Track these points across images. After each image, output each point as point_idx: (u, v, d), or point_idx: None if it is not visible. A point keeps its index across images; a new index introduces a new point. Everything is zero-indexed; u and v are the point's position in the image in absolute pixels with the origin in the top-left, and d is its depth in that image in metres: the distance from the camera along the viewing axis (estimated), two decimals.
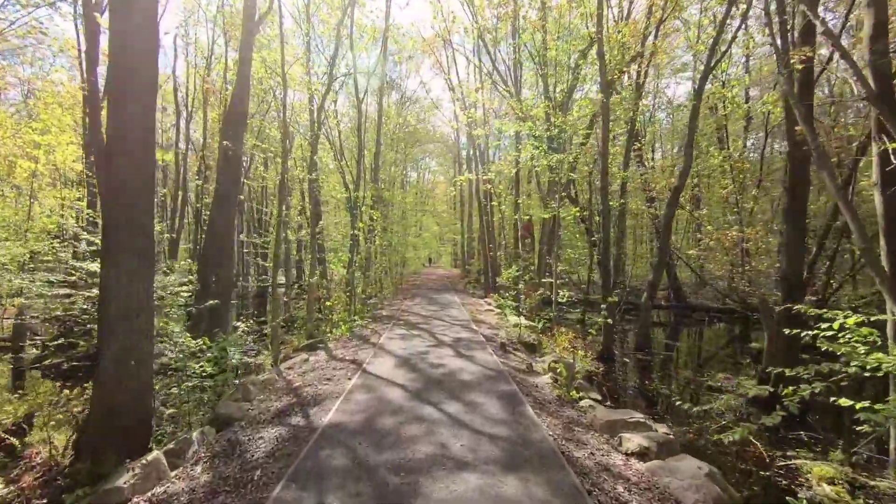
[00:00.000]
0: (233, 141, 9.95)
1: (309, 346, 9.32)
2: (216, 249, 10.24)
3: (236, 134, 10.02)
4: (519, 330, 10.29)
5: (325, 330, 10.71)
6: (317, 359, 8.00)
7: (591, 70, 16.34)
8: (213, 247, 10.35)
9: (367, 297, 15.59)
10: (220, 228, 10.22)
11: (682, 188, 11.81)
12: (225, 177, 10.14)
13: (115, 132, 4.57)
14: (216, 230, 10.31)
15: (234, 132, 9.98)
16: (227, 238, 10.32)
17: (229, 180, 10.14)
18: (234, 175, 10.31)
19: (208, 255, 10.62)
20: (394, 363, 6.92)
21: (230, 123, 10.08)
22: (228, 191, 10.20)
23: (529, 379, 6.65)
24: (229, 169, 10.13)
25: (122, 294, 4.45)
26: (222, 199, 10.27)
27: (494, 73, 17.87)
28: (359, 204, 15.00)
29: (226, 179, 10.15)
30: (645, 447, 4.02)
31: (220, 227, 10.22)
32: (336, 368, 6.87)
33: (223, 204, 10.25)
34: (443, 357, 7.31)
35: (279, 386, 6.23)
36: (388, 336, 9.42)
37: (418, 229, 38.61)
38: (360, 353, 7.88)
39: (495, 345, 8.89)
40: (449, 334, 9.55)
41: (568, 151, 12.20)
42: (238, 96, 10.21)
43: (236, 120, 10.00)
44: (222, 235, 10.21)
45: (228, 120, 10.25)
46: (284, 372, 7.18)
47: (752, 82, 15.85)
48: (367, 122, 24.03)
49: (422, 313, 13.10)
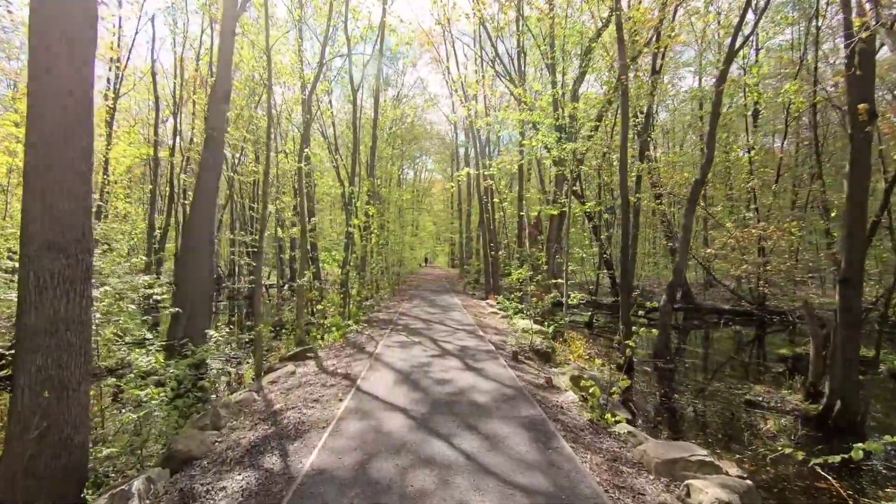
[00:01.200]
0: (215, 120, 8.93)
1: (298, 355, 8.32)
2: (194, 247, 9.21)
3: (219, 113, 9.00)
4: (530, 336, 9.33)
5: (316, 336, 9.71)
6: (305, 371, 7.00)
7: (601, 61, 15.46)
8: (190, 244, 9.32)
9: (362, 298, 14.59)
10: (199, 223, 9.19)
11: (703, 182, 10.91)
12: (207, 162, 9.11)
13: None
14: (194, 225, 9.29)
15: (216, 112, 8.96)
16: (206, 234, 9.28)
17: (210, 166, 9.11)
18: (216, 160, 9.27)
19: (186, 253, 9.60)
20: (393, 378, 5.94)
21: (213, 102, 9.05)
22: (208, 181, 9.17)
23: (552, 398, 5.69)
24: (211, 155, 9.10)
25: (46, 301, 3.45)
26: (202, 189, 9.25)
27: (497, 63, 16.93)
28: (354, 199, 14.00)
29: (207, 166, 9.13)
30: (725, 502, 3.06)
31: (198, 222, 9.20)
32: (326, 385, 5.88)
33: (203, 194, 9.23)
34: (449, 370, 6.34)
35: (257, 408, 5.23)
36: (386, 344, 8.44)
37: (415, 228, 37.59)
38: (355, 365, 6.88)
39: (506, 354, 7.94)
40: (453, 341, 8.58)
41: (577, 143, 11.28)
42: (221, 74, 9.20)
43: (219, 98, 8.97)
44: (201, 231, 9.19)
45: (212, 99, 9.23)
46: (266, 388, 6.19)
47: (768, 73, 14.98)
48: (362, 116, 23.04)
49: (422, 317, 12.13)
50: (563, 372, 7.25)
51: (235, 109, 17.83)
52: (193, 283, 8.98)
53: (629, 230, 9.55)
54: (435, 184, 52.79)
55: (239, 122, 19.36)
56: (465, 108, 19.56)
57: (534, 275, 9.68)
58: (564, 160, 11.24)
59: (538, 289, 9.89)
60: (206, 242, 9.10)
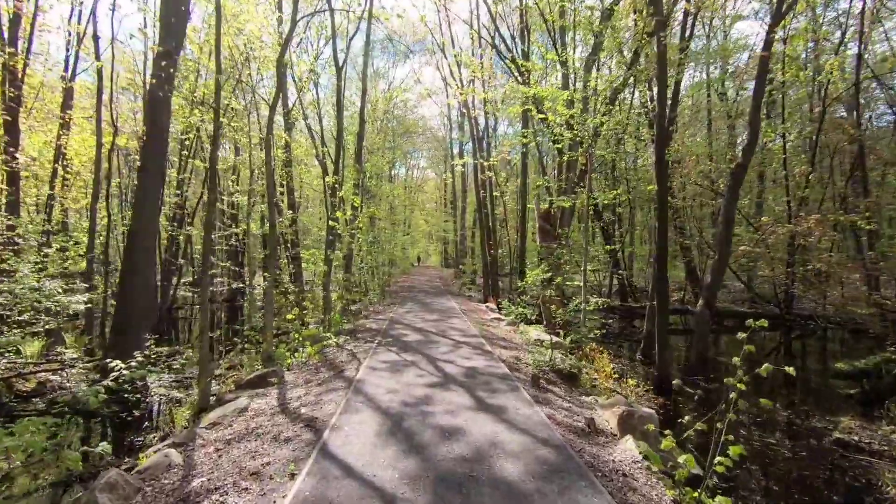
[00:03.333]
0: (160, 82, 7.07)
1: (259, 380, 6.51)
2: (139, 248, 7.34)
3: (167, 75, 7.14)
4: (547, 353, 7.61)
5: (286, 352, 7.89)
6: (260, 408, 5.21)
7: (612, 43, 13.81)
8: (135, 245, 7.43)
9: (347, 303, 12.77)
10: (142, 221, 7.33)
11: (746, 166, 9.32)
12: (147, 164, 7.23)
13: None
14: (137, 222, 7.42)
15: (164, 75, 7.09)
16: (150, 232, 7.43)
17: (151, 173, 7.23)
18: (158, 162, 7.40)
19: (130, 255, 7.72)
20: (376, 427, 4.17)
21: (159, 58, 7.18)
22: (149, 165, 7.30)
23: (606, 455, 3.98)
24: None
25: None
26: (146, 175, 7.38)
27: (496, 38, 15.20)
28: (338, 190, 12.17)
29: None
30: None
31: (141, 220, 7.33)
32: (279, 437, 4.09)
33: (147, 182, 7.37)
34: (457, 411, 4.59)
35: (167, 484, 3.43)
36: (372, 365, 6.66)
37: (407, 227, 35.75)
38: (326, 401, 5.10)
39: (524, 379, 6.22)
40: (457, 361, 6.83)
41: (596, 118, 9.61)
42: (170, 29, 7.36)
43: (166, 51, 7.11)
44: (146, 229, 7.34)
45: (158, 59, 7.35)
46: (200, 438, 4.39)
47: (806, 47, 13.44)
48: (346, 91, 21.12)
49: (416, 325, 10.36)
50: (602, 404, 5.54)
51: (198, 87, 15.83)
52: (129, 295, 7.14)
53: (666, 226, 7.88)
54: (427, 182, 51.05)
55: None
56: (462, 93, 17.85)
57: (553, 276, 7.96)
58: (581, 141, 9.56)
59: (559, 295, 8.21)
60: (145, 250, 7.24)
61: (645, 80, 13.13)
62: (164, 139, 7.25)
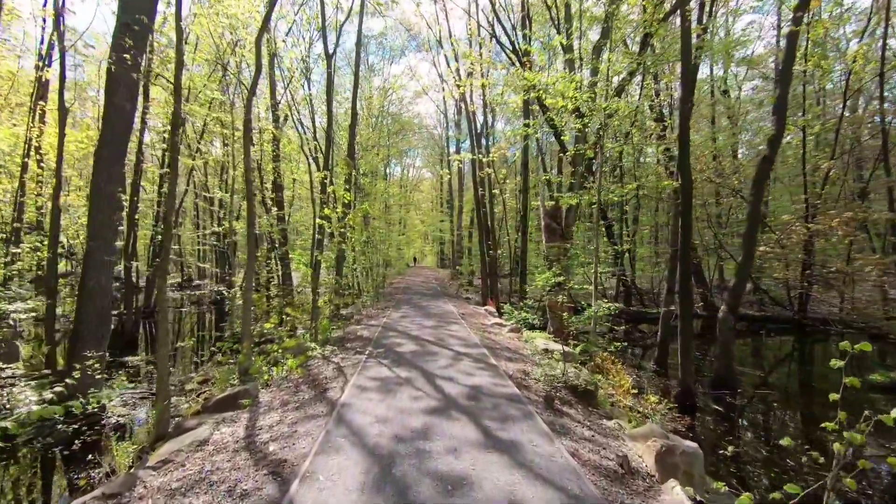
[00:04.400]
0: (117, 57, 6.15)
1: (228, 401, 5.61)
2: (93, 245, 6.42)
3: (122, 50, 6.21)
4: (558, 365, 6.77)
5: (263, 366, 6.99)
6: (222, 441, 4.32)
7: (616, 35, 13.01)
8: (89, 240, 6.50)
9: (337, 308, 11.88)
10: (98, 215, 6.41)
11: (773, 159, 8.53)
12: (107, 109, 6.31)
13: None
14: (93, 216, 6.49)
15: (120, 50, 6.17)
16: (106, 226, 6.51)
17: (112, 114, 6.32)
18: (117, 104, 6.46)
19: (91, 253, 6.78)
20: (360, 475, 3.30)
21: (117, 33, 6.27)
22: (104, 151, 6.38)
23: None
24: (111, 102, 6.31)
25: None
26: (100, 162, 6.45)
27: (496, 24, 14.37)
28: (327, 184, 11.29)
29: (107, 118, 6.33)
30: None
31: (97, 214, 6.41)
32: (234, 493, 3.21)
33: (102, 168, 6.45)
34: (460, 447, 3.73)
35: None
36: (360, 383, 5.78)
37: (402, 227, 34.83)
38: (301, 434, 4.22)
39: (536, 399, 5.38)
40: (458, 377, 5.96)
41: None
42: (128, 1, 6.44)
43: (124, 23, 6.20)
44: (101, 224, 6.42)
45: (116, 34, 6.42)
46: (139, 488, 3.50)
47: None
48: (342, 91, 20.26)
49: (412, 332, 9.49)
50: (630, 433, 4.69)
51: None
52: (84, 301, 6.22)
53: (690, 221, 7.06)
54: (423, 182, 50.20)
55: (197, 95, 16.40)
56: (460, 85, 17.00)
57: (566, 279, 7.11)
58: (586, 137, 8.78)
59: (569, 300, 7.38)
60: (99, 248, 6.31)
61: (654, 69, 12.35)
62: (123, 120, 6.33)
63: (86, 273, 6.20)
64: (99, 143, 6.26)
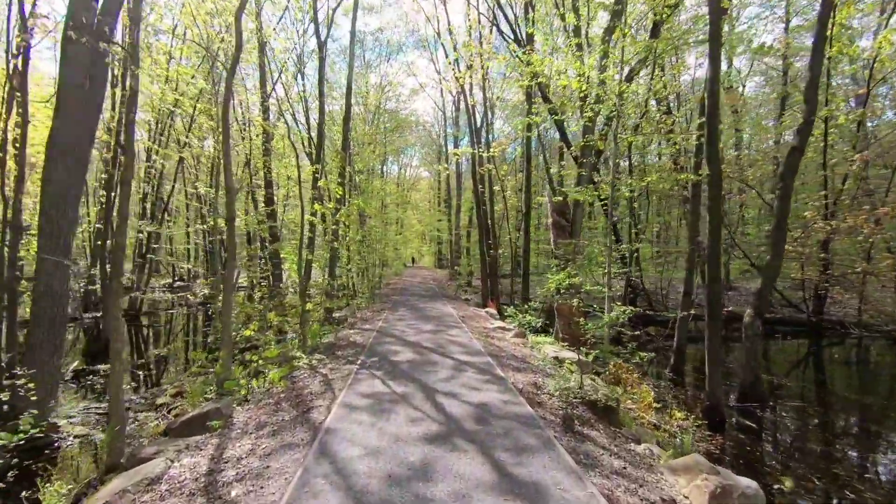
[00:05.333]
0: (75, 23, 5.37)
1: (196, 422, 4.85)
2: (43, 242, 5.63)
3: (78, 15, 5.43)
4: (573, 376, 6.04)
5: (242, 379, 6.22)
6: (179, 479, 3.55)
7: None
8: (46, 238, 5.71)
9: (328, 311, 11.12)
10: (52, 210, 5.62)
11: (803, 150, 7.84)
12: (61, 89, 5.53)
13: None
14: (45, 211, 5.70)
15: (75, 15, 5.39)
16: (61, 222, 5.72)
17: (67, 93, 5.52)
18: (74, 81, 5.66)
19: (41, 252, 5.99)
20: None
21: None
22: (58, 136, 5.58)
23: None
24: (66, 79, 5.53)
25: None
26: (52, 148, 5.67)
27: (496, 9, 13.65)
28: (318, 178, 10.54)
29: (62, 97, 5.55)
30: None
31: (52, 209, 5.62)
32: None
33: (55, 155, 5.67)
34: (469, 492, 2.99)
35: None
36: (348, 400, 5.03)
37: (399, 227, 34.02)
38: (274, 471, 3.45)
39: (552, 420, 4.64)
40: (462, 393, 5.22)
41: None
42: None
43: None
44: (55, 218, 5.64)
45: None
46: None
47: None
48: (338, 87, 19.53)
49: (409, 338, 8.75)
50: (671, 465, 3.95)
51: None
52: (36, 303, 5.44)
53: (720, 215, 6.35)
54: (421, 181, 49.45)
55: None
56: (459, 77, 16.28)
57: (582, 281, 6.38)
58: (592, 129, 8.06)
59: (580, 305, 6.64)
60: (53, 249, 5.53)
61: (667, 56, 11.65)
62: (79, 101, 5.56)
63: (37, 276, 5.43)
64: (51, 129, 5.49)
